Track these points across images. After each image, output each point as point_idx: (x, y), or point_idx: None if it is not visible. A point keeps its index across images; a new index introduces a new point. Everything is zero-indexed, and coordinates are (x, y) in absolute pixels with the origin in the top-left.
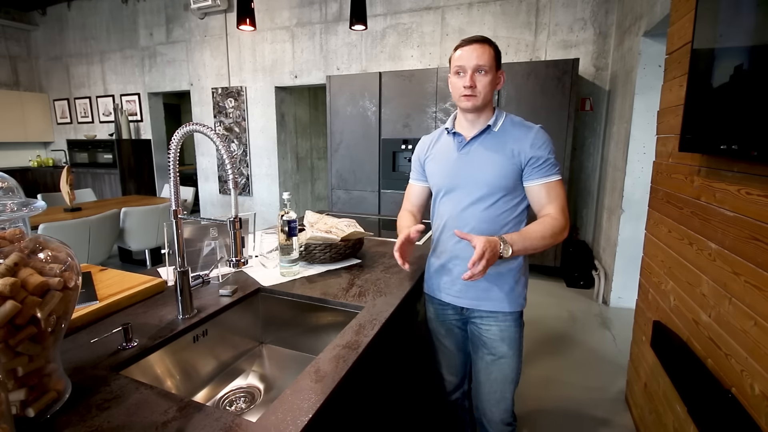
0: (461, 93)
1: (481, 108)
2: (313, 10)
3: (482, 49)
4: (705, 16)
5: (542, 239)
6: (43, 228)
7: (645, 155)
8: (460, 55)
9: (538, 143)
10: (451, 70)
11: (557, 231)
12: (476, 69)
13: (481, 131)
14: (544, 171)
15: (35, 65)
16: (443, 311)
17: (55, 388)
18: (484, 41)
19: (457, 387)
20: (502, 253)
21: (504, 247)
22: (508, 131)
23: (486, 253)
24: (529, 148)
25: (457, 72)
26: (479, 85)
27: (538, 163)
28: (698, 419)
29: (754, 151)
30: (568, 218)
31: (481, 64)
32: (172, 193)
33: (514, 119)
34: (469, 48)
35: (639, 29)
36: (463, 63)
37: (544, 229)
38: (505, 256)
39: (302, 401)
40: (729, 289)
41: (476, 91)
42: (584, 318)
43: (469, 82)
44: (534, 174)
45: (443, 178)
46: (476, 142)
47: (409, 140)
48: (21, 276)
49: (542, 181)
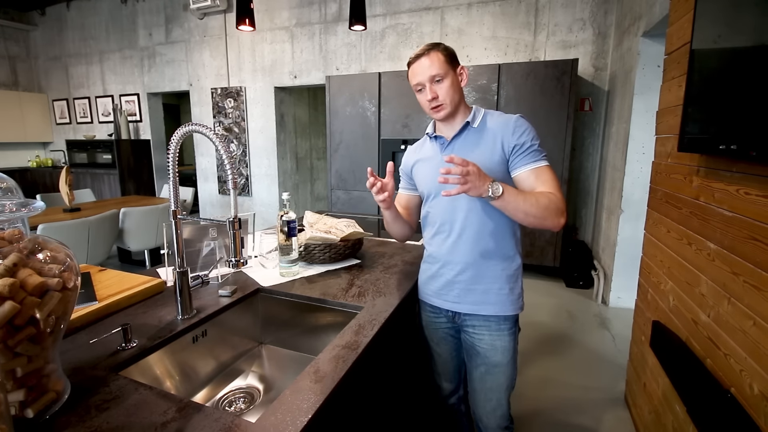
0: (429, 107)
1: (453, 112)
2: (313, 10)
3: (430, 60)
4: (704, 17)
5: (536, 206)
6: (42, 228)
7: (644, 155)
8: (413, 72)
9: (520, 131)
10: (413, 88)
11: (553, 208)
12: (432, 80)
13: (460, 130)
14: (530, 157)
15: (34, 65)
16: (436, 318)
17: (54, 388)
18: (430, 50)
19: (453, 392)
20: (491, 189)
21: (493, 184)
22: (488, 125)
23: (469, 168)
24: (511, 136)
25: (418, 89)
26: (441, 93)
27: (522, 150)
28: (697, 419)
29: (752, 151)
30: (564, 203)
31: (434, 73)
32: (172, 194)
33: (492, 113)
34: (418, 63)
35: (638, 29)
36: (419, 79)
37: (540, 197)
38: (492, 195)
39: (302, 402)
40: (728, 289)
41: (440, 100)
42: (583, 318)
43: (431, 94)
44: (520, 162)
45: (431, 181)
46: (458, 141)
47: (409, 141)
48: (20, 276)
49: (529, 167)
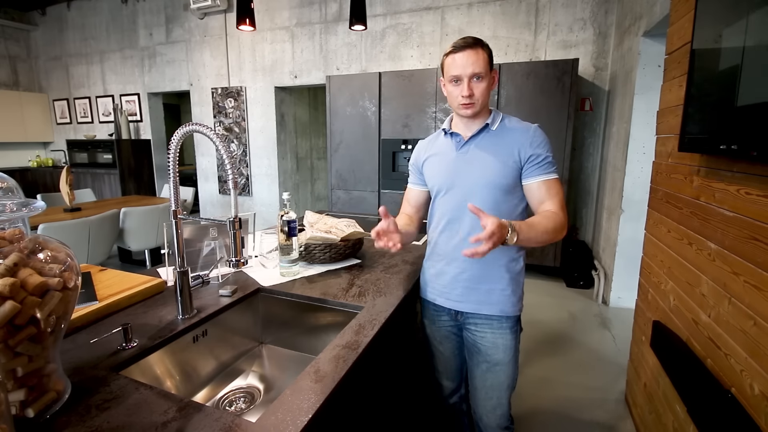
0: (460, 102)
1: (480, 112)
2: (313, 10)
3: (476, 55)
4: (704, 17)
5: (545, 233)
6: (42, 228)
7: (644, 155)
8: (454, 62)
9: (537, 141)
10: (446, 77)
11: (558, 227)
12: (473, 76)
13: (479, 130)
14: (543, 168)
15: (35, 65)
16: (438, 317)
17: (55, 388)
18: (476, 45)
19: (455, 391)
20: (507, 239)
21: (511, 233)
22: (506, 130)
23: (494, 235)
24: (529, 146)
25: (454, 80)
26: (477, 92)
27: (537, 160)
28: (698, 419)
29: (753, 151)
30: (567, 217)
31: (478, 71)
32: (172, 194)
33: (511, 119)
34: (462, 55)
35: (638, 29)
36: (459, 72)
37: (548, 223)
38: (509, 243)
39: (302, 401)
40: (728, 289)
41: (474, 98)
42: (584, 318)
43: (468, 91)
44: (533, 172)
45: (442, 177)
46: (474, 141)
47: (409, 140)
48: (20, 276)
49: (541, 179)
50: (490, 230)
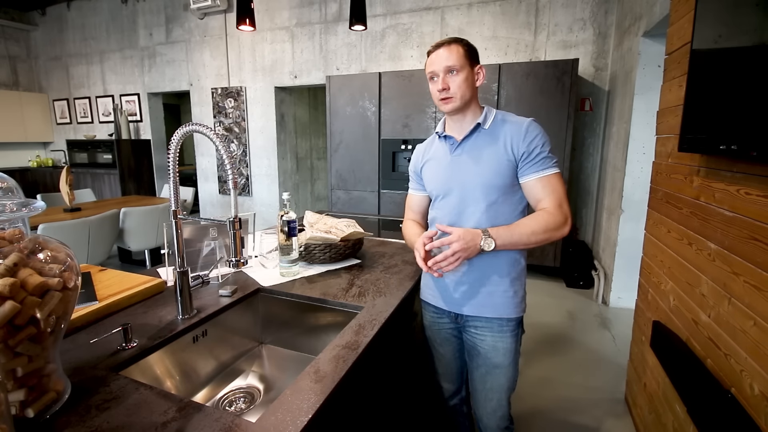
0: (438, 98)
1: (462, 108)
2: (313, 10)
3: (449, 51)
4: (704, 17)
5: (532, 234)
6: (42, 228)
7: (644, 155)
8: (430, 60)
9: (531, 136)
10: (427, 78)
11: (552, 226)
12: (447, 71)
13: (471, 131)
14: (539, 165)
15: (35, 65)
16: (438, 319)
17: (55, 388)
18: (452, 42)
19: (455, 393)
20: (483, 246)
21: (485, 240)
22: (500, 127)
23: (459, 244)
24: (522, 142)
25: (431, 78)
26: (452, 85)
27: (531, 156)
28: (698, 419)
29: (753, 151)
30: (568, 213)
31: (450, 64)
32: (172, 194)
33: (505, 115)
34: (437, 53)
35: (638, 29)
36: (434, 68)
37: (536, 224)
38: (486, 250)
39: (302, 401)
40: (728, 289)
41: (451, 92)
42: (584, 318)
43: (442, 84)
44: (529, 169)
45: (439, 182)
46: (468, 142)
47: (409, 140)
48: (20, 276)
49: (537, 176)
50: (453, 250)
